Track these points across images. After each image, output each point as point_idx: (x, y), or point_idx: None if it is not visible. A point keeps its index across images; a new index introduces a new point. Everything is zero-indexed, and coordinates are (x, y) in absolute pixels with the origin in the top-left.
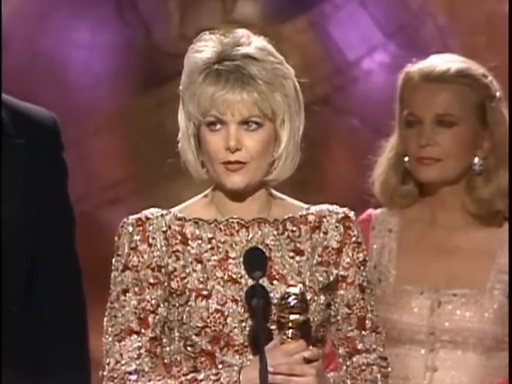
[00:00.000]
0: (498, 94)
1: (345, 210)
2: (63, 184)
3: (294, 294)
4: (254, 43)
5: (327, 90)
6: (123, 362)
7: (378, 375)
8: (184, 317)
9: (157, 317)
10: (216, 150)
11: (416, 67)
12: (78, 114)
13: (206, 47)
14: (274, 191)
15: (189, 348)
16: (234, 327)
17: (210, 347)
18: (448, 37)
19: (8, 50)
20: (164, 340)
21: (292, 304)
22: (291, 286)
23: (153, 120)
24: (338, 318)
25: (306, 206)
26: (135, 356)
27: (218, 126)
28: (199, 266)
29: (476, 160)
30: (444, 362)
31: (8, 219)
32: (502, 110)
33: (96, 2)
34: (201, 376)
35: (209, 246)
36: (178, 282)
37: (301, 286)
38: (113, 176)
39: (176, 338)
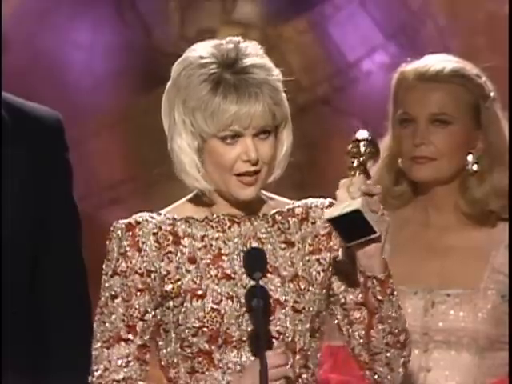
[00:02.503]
0: (492, 94)
1: (330, 199)
2: (67, 184)
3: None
4: (253, 51)
5: (327, 90)
6: (111, 369)
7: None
8: (180, 318)
9: (145, 324)
10: (232, 162)
11: (410, 67)
12: (77, 114)
13: (204, 60)
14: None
15: (186, 349)
16: (231, 324)
17: (207, 346)
18: (448, 37)
19: (8, 51)
20: (160, 343)
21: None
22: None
23: (152, 120)
24: (340, 296)
25: (291, 201)
26: (124, 364)
27: (233, 139)
28: (192, 266)
29: (470, 160)
30: (438, 362)
31: (7, 218)
32: (496, 111)
33: (96, 3)
34: None
35: (201, 244)
36: (172, 284)
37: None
38: (112, 176)
39: (172, 340)
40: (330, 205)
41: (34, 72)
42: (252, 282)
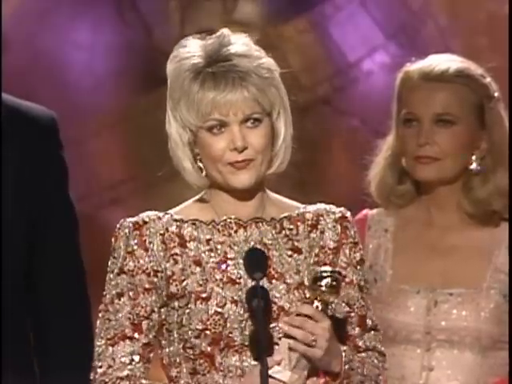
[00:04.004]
0: (496, 94)
1: (341, 209)
2: (63, 182)
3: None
4: (237, 40)
5: (327, 90)
6: (115, 366)
7: (379, 364)
8: (183, 319)
9: (150, 322)
10: (220, 153)
11: (415, 66)
12: (78, 114)
13: (191, 53)
14: (268, 191)
15: (188, 350)
16: (234, 328)
17: (209, 349)
18: (449, 37)
19: (8, 51)
20: (163, 342)
21: (324, 283)
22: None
23: (153, 120)
24: (338, 316)
25: (302, 205)
26: (128, 361)
27: (220, 129)
28: (198, 268)
29: (473, 160)
30: (440, 361)
31: (2, 218)
32: (500, 111)
33: (96, 3)
34: None
35: (207, 248)
36: (177, 285)
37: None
38: (113, 176)
39: (175, 340)
40: (342, 216)
41: (34, 72)
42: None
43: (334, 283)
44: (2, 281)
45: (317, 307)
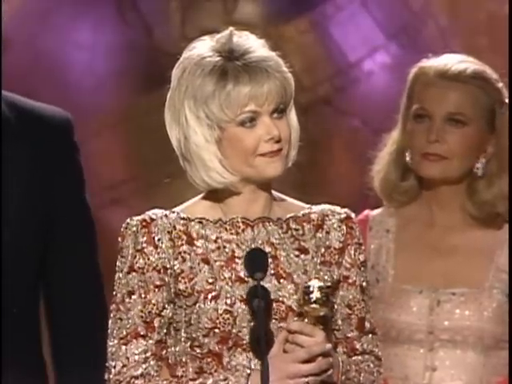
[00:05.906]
0: (507, 100)
1: (346, 210)
2: (78, 184)
3: (318, 288)
4: (248, 35)
5: (328, 90)
6: (130, 365)
7: (374, 369)
8: (192, 318)
9: (162, 319)
10: (254, 145)
11: (431, 63)
12: (79, 114)
13: (206, 53)
14: (274, 192)
15: (196, 349)
16: (243, 327)
17: (217, 348)
18: (449, 38)
19: (10, 51)
20: (169, 341)
21: (314, 298)
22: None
23: (154, 120)
24: (337, 317)
25: (307, 205)
26: (142, 360)
27: (252, 122)
28: (206, 266)
29: (479, 163)
30: (443, 361)
31: (11, 219)
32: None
33: (97, 3)
34: (209, 381)
35: (215, 246)
36: (185, 283)
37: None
38: (114, 176)
39: (182, 339)
40: (347, 217)
41: (36, 72)
42: (265, 286)
43: (323, 297)
44: (15, 281)
45: (307, 322)
